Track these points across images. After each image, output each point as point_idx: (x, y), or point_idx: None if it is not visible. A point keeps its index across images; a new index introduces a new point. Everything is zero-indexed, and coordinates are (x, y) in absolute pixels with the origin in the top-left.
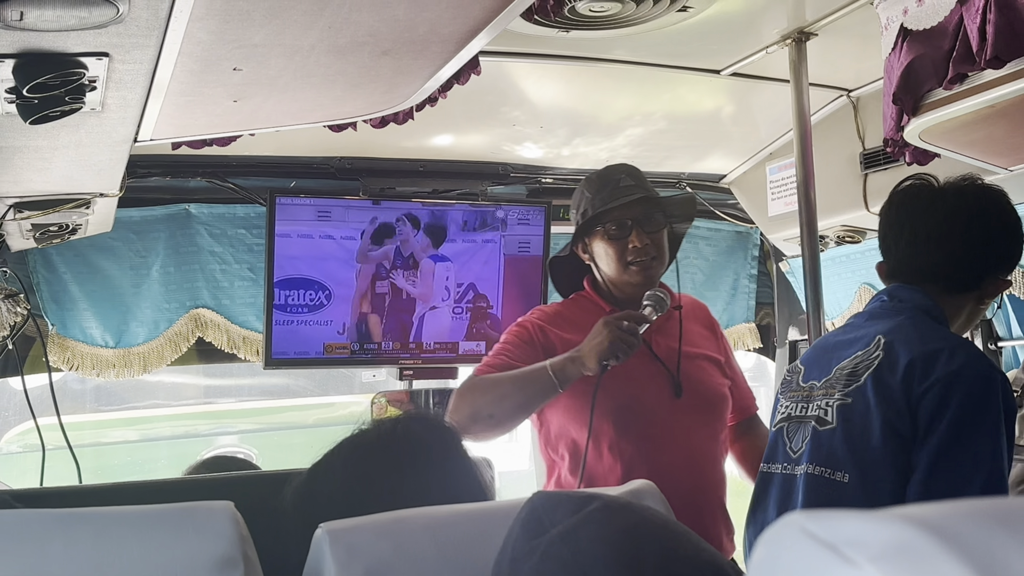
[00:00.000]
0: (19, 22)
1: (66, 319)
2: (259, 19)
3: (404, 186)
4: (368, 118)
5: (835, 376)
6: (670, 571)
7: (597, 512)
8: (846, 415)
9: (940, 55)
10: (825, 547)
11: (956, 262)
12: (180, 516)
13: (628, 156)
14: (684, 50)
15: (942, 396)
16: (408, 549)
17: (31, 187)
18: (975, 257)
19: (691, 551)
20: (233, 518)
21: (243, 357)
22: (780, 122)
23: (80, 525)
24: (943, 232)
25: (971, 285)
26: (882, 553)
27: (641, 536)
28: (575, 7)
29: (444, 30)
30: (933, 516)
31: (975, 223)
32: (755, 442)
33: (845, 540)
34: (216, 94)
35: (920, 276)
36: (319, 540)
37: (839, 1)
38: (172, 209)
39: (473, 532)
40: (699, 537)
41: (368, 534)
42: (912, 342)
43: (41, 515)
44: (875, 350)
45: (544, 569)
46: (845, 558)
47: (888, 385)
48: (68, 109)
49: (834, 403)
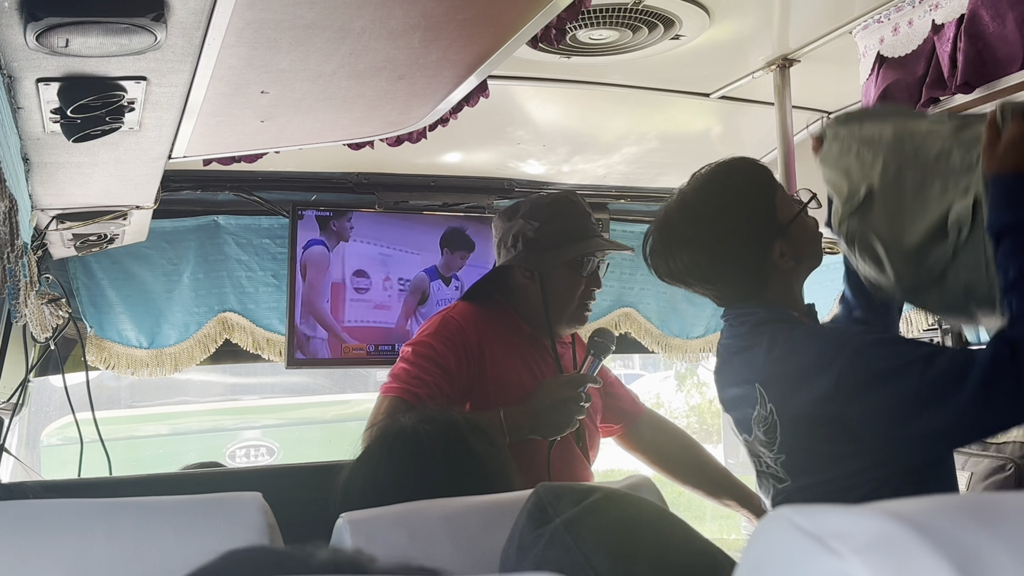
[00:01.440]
0: (64, 49)
1: (104, 322)
2: (285, 46)
3: (416, 200)
4: (385, 137)
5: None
6: (664, 558)
7: (598, 503)
8: None
9: (914, 80)
10: (812, 539)
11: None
12: (213, 506)
13: (624, 173)
14: (676, 75)
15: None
16: (423, 538)
17: (72, 200)
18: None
19: (684, 539)
20: (261, 508)
21: (267, 357)
22: (765, 142)
23: (121, 513)
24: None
25: (739, 289)
26: (865, 545)
27: (638, 525)
28: (576, 35)
29: (455, 57)
30: (913, 511)
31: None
32: (656, 440)
33: (831, 532)
34: (245, 115)
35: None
36: (340, 529)
37: (820, 30)
38: (202, 220)
39: (483, 522)
40: (692, 528)
41: (386, 524)
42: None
43: (85, 504)
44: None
45: (549, 555)
46: (831, 549)
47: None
48: (108, 128)
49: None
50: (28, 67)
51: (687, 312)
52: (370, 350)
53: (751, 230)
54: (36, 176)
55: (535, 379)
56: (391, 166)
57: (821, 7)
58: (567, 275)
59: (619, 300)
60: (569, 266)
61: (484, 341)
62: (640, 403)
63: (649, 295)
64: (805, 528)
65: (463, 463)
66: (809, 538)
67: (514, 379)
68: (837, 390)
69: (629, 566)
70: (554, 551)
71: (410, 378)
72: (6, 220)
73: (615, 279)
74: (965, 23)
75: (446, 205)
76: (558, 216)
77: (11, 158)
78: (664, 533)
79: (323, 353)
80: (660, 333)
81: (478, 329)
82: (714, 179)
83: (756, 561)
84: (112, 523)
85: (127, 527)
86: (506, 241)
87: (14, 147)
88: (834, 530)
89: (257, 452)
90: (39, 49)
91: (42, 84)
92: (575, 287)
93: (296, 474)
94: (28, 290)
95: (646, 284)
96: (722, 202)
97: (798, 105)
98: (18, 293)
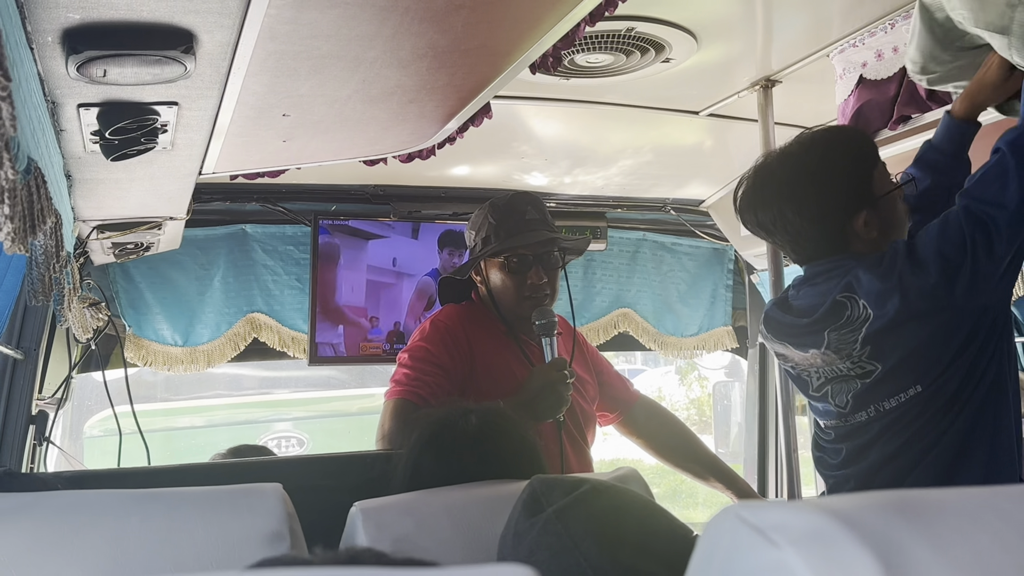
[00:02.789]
0: (103, 78)
1: (141, 322)
2: (304, 74)
3: (428, 209)
4: (396, 155)
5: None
6: (647, 543)
7: (587, 493)
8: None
9: (886, 100)
10: (755, 531)
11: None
12: (237, 496)
13: (621, 184)
14: (668, 95)
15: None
16: (428, 524)
17: (111, 212)
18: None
19: (666, 527)
20: (282, 498)
21: (292, 355)
22: (751, 155)
23: (153, 504)
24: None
25: (823, 246)
26: (800, 537)
27: (624, 514)
28: (574, 59)
29: (460, 83)
30: (845, 507)
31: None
32: (650, 426)
33: (771, 525)
34: (268, 135)
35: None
36: (353, 516)
37: (800, 53)
38: (231, 229)
39: (483, 510)
40: (674, 516)
41: (395, 511)
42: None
43: (120, 494)
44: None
45: (541, 542)
46: (770, 540)
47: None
48: (143, 148)
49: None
50: (70, 94)
51: (682, 312)
52: (386, 349)
53: (841, 193)
54: (78, 191)
55: (523, 369)
56: (404, 178)
57: (801, 32)
58: (499, 274)
59: (617, 301)
60: (499, 266)
61: (472, 337)
62: (634, 391)
63: (646, 296)
64: (749, 521)
65: (510, 447)
66: (752, 530)
67: (503, 371)
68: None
69: (615, 551)
70: (547, 537)
71: (411, 381)
72: (53, 234)
73: (613, 281)
74: None
75: (456, 214)
76: (485, 223)
77: (55, 175)
78: (648, 521)
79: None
80: (656, 332)
81: (464, 326)
82: (820, 139)
83: (708, 551)
84: (145, 513)
85: (158, 516)
86: (470, 249)
87: (57, 165)
88: (774, 523)
89: (288, 443)
90: (80, 79)
91: (83, 109)
92: (509, 284)
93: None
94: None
95: (643, 286)
96: (821, 160)
97: (780, 122)
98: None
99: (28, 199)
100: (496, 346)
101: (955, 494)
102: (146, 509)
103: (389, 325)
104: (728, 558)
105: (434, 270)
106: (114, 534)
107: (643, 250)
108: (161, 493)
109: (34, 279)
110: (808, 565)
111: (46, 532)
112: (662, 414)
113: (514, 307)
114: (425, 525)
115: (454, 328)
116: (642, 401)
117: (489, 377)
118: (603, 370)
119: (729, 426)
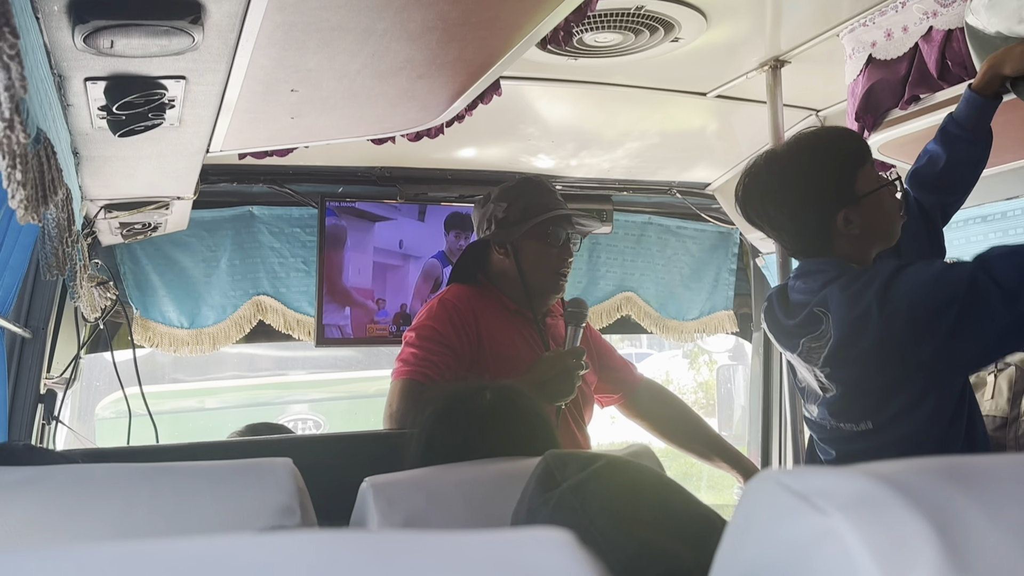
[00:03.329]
0: (110, 49)
1: (148, 304)
2: (313, 48)
3: (435, 192)
4: (405, 133)
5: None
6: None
7: (602, 469)
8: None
9: (897, 79)
10: (798, 497)
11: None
12: (247, 471)
13: (627, 167)
14: (675, 75)
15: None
16: (440, 500)
17: (119, 191)
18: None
19: (681, 502)
20: (292, 473)
21: (297, 337)
22: (758, 138)
23: (162, 477)
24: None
25: (808, 241)
26: (849, 503)
27: (639, 490)
28: (582, 38)
29: (470, 57)
30: (893, 472)
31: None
32: (653, 407)
33: (816, 491)
34: (276, 112)
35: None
36: (364, 492)
37: (809, 33)
38: (238, 211)
39: (495, 486)
40: (689, 492)
41: (406, 487)
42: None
43: (130, 468)
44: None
45: (556, 517)
46: (816, 507)
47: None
48: (151, 124)
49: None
50: (77, 67)
51: (683, 296)
52: (392, 331)
53: (820, 193)
54: (85, 169)
55: (530, 350)
56: (411, 160)
57: (810, 12)
58: (536, 246)
59: (620, 285)
60: (536, 237)
61: (480, 317)
62: (637, 373)
63: (648, 280)
64: (792, 488)
65: (524, 424)
66: (795, 497)
67: (511, 352)
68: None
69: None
70: (561, 514)
71: (419, 361)
72: (64, 207)
73: (617, 265)
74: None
75: (462, 196)
76: (522, 195)
77: (63, 152)
78: (663, 497)
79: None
80: (658, 315)
81: (472, 306)
82: (804, 141)
83: (746, 519)
84: (154, 486)
85: (168, 490)
86: (482, 226)
87: (65, 141)
88: (819, 489)
89: (304, 425)
90: (86, 50)
91: (90, 83)
92: (545, 257)
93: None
94: (82, 273)
95: (646, 270)
96: (801, 162)
97: (789, 103)
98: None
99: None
100: (504, 326)
101: (1007, 460)
102: (155, 483)
103: (396, 307)
104: (769, 526)
105: (440, 252)
106: (123, 507)
107: (648, 233)
108: (171, 467)
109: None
110: (859, 531)
111: (54, 505)
112: (666, 396)
113: (543, 280)
114: (437, 501)
115: (462, 307)
116: (646, 383)
117: (496, 356)
118: (606, 353)
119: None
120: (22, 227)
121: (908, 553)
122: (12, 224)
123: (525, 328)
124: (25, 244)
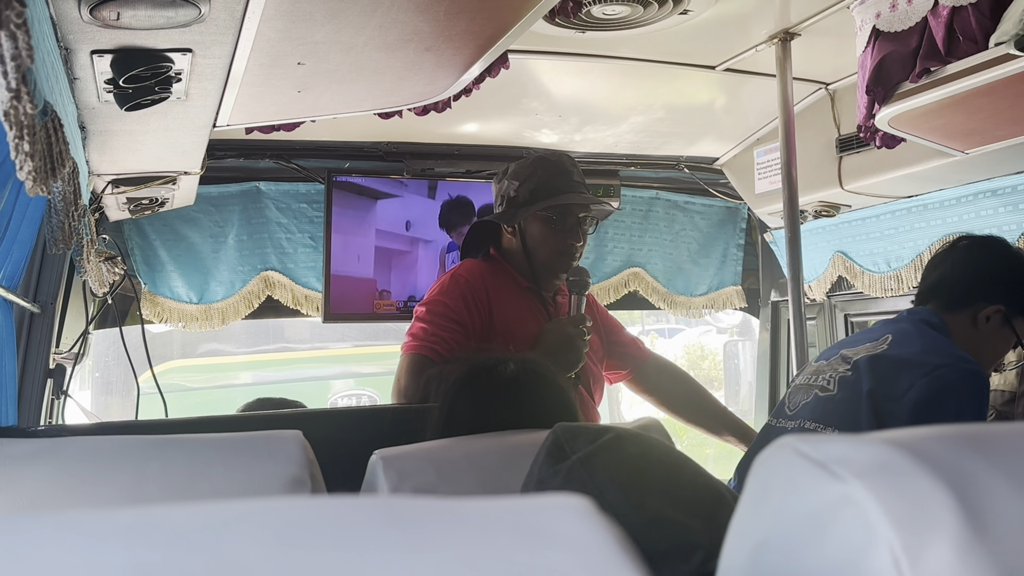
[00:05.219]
0: (116, 21)
1: (156, 279)
2: (320, 19)
3: (441, 167)
4: (412, 107)
5: (841, 356)
6: (672, 491)
7: (611, 441)
8: (844, 384)
9: (908, 52)
10: (815, 464)
11: (945, 281)
12: (258, 442)
13: (632, 142)
14: (684, 48)
15: (929, 385)
16: (449, 473)
17: (126, 166)
18: (960, 276)
19: (691, 474)
20: (302, 445)
21: (305, 312)
22: (766, 111)
23: (174, 449)
24: (940, 257)
25: (961, 302)
26: (867, 470)
27: (648, 462)
28: (591, 10)
29: (478, 29)
30: (911, 439)
31: (967, 251)
32: (661, 382)
33: (833, 458)
34: (282, 85)
35: (924, 296)
36: (374, 464)
37: (820, 5)
38: (245, 186)
39: (503, 459)
40: (698, 464)
41: (416, 460)
42: (912, 340)
43: (140, 440)
44: (882, 343)
45: (566, 490)
46: (834, 474)
47: (884, 366)
48: (157, 98)
49: (836, 375)
50: (83, 39)
51: (691, 271)
52: (399, 307)
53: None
54: (92, 143)
55: (539, 327)
56: (417, 135)
57: None
58: (542, 228)
59: (628, 260)
60: (543, 220)
61: (491, 292)
62: (645, 348)
63: (656, 256)
64: (809, 455)
65: (545, 396)
66: (812, 464)
67: (521, 328)
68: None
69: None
70: (571, 485)
71: (428, 336)
72: (71, 180)
73: (625, 240)
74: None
75: (468, 172)
76: (533, 176)
77: (70, 126)
78: (672, 469)
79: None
80: (666, 291)
81: (484, 281)
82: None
83: (761, 487)
84: (166, 458)
85: (179, 461)
86: (497, 201)
87: (71, 115)
88: (837, 456)
89: (360, 402)
90: (93, 22)
91: (96, 56)
92: (550, 239)
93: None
94: (89, 248)
95: (654, 246)
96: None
97: (798, 77)
98: (82, 249)
99: (47, 140)
100: (515, 301)
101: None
102: (167, 455)
103: (403, 297)
104: (786, 494)
105: (452, 243)
106: (135, 479)
107: (656, 209)
108: (181, 439)
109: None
110: (878, 499)
111: (65, 477)
112: (673, 370)
113: (548, 262)
114: (446, 473)
115: (474, 282)
116: (653, 359)
117: (506, 333)
118: (614, 329)
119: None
120: (30, 202)
121: (928, 520)
122: (20, 199)
123: (536, 305)
124: (33, 219)
